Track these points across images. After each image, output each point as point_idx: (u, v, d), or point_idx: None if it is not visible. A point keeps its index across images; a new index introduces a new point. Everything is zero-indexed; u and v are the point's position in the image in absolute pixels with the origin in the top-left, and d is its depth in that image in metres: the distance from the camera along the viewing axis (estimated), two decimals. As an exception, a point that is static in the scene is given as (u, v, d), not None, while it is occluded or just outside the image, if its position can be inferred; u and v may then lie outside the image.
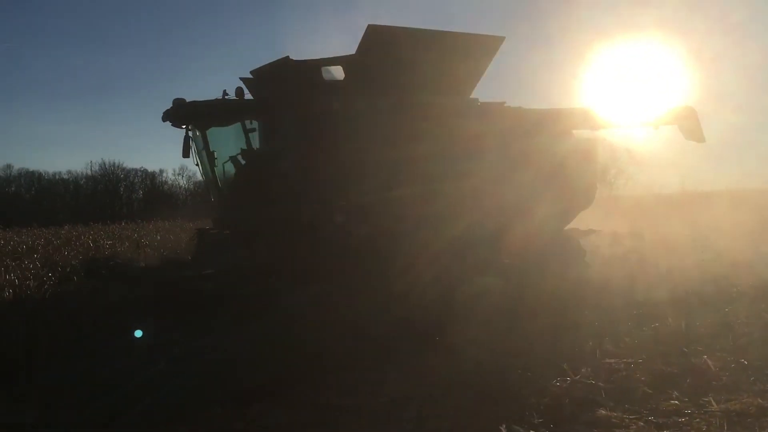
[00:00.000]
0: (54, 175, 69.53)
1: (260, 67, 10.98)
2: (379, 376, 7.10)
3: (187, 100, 10.61)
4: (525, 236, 10.55)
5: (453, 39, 10.06)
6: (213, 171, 10.79)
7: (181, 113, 10.51)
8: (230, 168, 10.84)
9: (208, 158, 10.72)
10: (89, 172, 70.03)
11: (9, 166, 67.83)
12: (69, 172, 69.64)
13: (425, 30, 9.96)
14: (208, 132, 10.61)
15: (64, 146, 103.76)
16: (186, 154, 10.88)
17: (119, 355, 7.77)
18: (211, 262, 10.37)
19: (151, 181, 72.89)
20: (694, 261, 14.28)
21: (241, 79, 11.21)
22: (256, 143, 10.73)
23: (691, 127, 12.54)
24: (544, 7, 75.30)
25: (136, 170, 72.30)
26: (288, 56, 10.00)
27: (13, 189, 67.30)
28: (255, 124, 10.78)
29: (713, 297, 10.67)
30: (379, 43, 9.49)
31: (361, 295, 9.07)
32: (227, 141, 10.68)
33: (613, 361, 7.37)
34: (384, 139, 9.84)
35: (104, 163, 70.16)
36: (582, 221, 14.38)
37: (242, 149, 10.54)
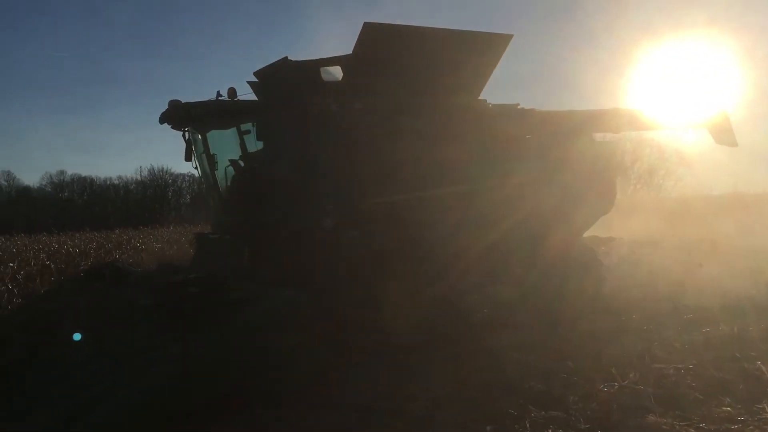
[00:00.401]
0: (105, 180, 71.56)
1: (261, 69, 10.63)
2: (417, 379, 7.09)
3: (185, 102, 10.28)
4: (540, 244, 10.21)
5: (455, 37, 9.60)
6: (213, 174, 10.47)
7: (180, 115, 10.11)
8: (231, 171, 10.58)
9: (208, 161, 10.37)
10: (139, 177, 71.85)
11: (62, 172, 69.95)
12: (119, 177, 71.55)
13: (424, 28, 9.46)
14: (208, 135, 10.38)
15: (115, 152, 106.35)
16: (188, 157, 10.73)
17: (89, 362, 7.28)
18: (206, 266, 10.07)
19: (198, 185, 74.20)
20: (747, 265, 13.90)
21: (248, 83, 11.05)
22: (253, 146, 10.33)
23: (723, 131, 11.96)
24: (588, 4, 73.94)
25: (183, 175, 73.76)
26: (286, 57, 9.77)
27: (66, 194, 69.31)
28: (249, 126, 10.31)
29: (766, 302, 10.37)
30: (376, 41, 9.07)
31: (344, 300, 8.69)
32: (228, 143, 10.37)
33: (662, 366, 7.21)
34: (380, 142, 9.41)
35: (153, 168, 71.84)
36: (622, 225, 14.19)
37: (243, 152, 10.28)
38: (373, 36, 9.00)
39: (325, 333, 7.97)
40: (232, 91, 9.64)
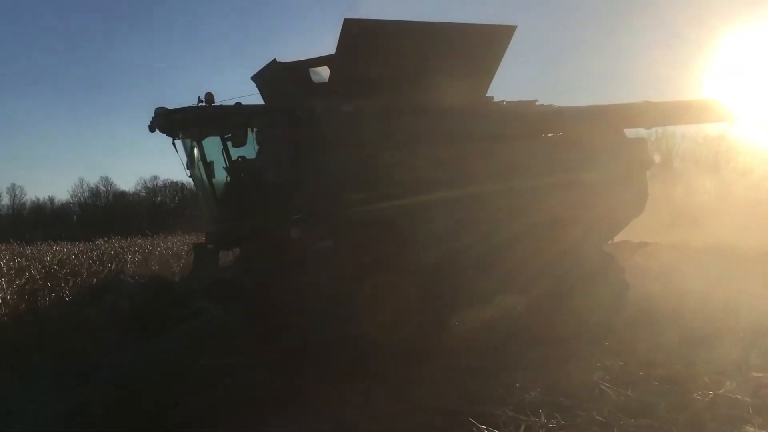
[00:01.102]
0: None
1: (257, 72, 10.36)
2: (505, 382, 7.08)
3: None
4: (556, 250, 9.27)
5: (449, 31, 8.96)
6: (211, 182, 9.74)
7: (175, 122, 9.36)
8: (230, 179, 9.94)
9: (205, 169, 9.66)
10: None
11: (155, 177, 73.07)
12: (208, 181, 74.08)
13: (413, 22, 8.85)
14: (204, 142, 9.69)
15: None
16: (192, 166, 10.08)
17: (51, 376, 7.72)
18: (201, 277, 9.74)
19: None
20: None
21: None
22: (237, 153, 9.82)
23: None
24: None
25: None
26: (275, 59, 9.43)
27: (159, 199, 72.31)
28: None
29: None
30: (359, 39, 8.47)
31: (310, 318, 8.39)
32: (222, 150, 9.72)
33: (761, 375, 6.93)
34: (371, 146, 8.78)
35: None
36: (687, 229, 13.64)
37: (239, 158, 9.69)
38: (356, 33, 8.42)
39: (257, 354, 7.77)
40: (209, 96, 9.06)
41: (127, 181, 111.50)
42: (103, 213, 66.49)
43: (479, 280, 9.12)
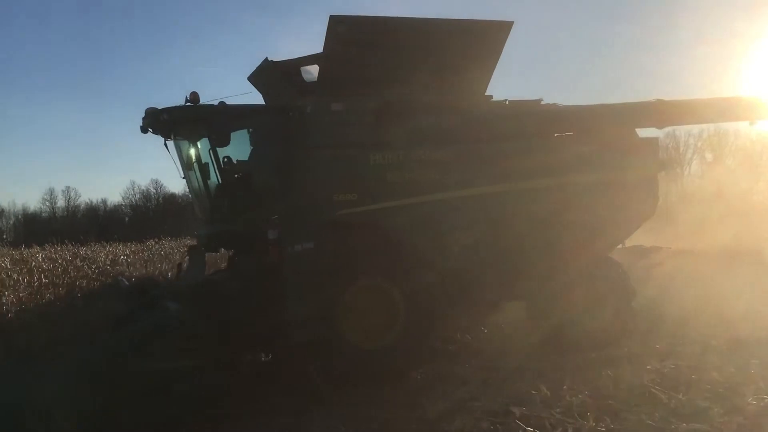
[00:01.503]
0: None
1: (252, 72, 10.21)
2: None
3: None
4: (558, 255, 8.88)
5: (442, 28, 8.65)
6: (206, 184, 9.39)
7: (161, 122, 8.96)
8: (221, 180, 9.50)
9: (200, 170, 9.27)
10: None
11: None
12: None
13: (402, 18, 8.70)
14: (200, 142, 9.33)
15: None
16: (185, 166, 9.72)
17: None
18: (192, 279, 9.58)
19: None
20: None
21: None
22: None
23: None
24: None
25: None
26: (266, 58, 9.25)
27: None
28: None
29: None
30: (346, 36, 8.24)
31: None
32: (225, 149, 9.33)
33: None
34: (361, 146, 8.49)
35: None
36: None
37: (225, 158, 9.30)
38: (342, 30, 8.21)
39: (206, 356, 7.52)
40: (194, 96, 8.72)
41: (176, 184, 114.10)
42: (154, 214, 67.97)
43: (478, 285, 8.83)
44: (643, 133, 9.75)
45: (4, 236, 52.53)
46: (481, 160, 8.74)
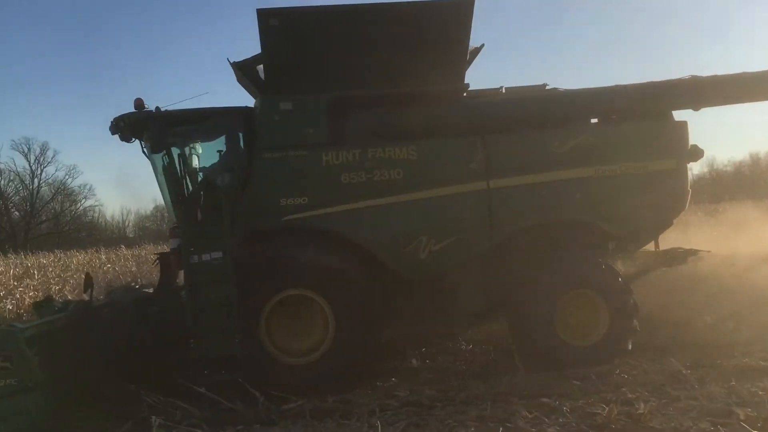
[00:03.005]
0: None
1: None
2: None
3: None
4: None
5: (390, 12, 7.80)
6: (184, 192, 8.47)
7: (115, 128, 8.34)
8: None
9: (190, 179, 8.61)
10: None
11: None
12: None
13: (341, 6, 7.89)
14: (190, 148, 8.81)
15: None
16: (156, 172, 8.91)
17: None
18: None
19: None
20: None
21: None
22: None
23: None
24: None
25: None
26: (227, 58, 8.58)
27: None
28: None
29: None
30: (280, 30, 7.64)
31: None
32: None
33: None
34: (308, 146, 7.88)
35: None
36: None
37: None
38: (274, 25, 7.60)
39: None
40: (138, 102, 8.11)
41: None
42: None
43: (457, 295, 8.16)
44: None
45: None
46: (457, 155, 7.99)
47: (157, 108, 8.19)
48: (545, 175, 8.04)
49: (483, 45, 9.07)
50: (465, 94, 8.50)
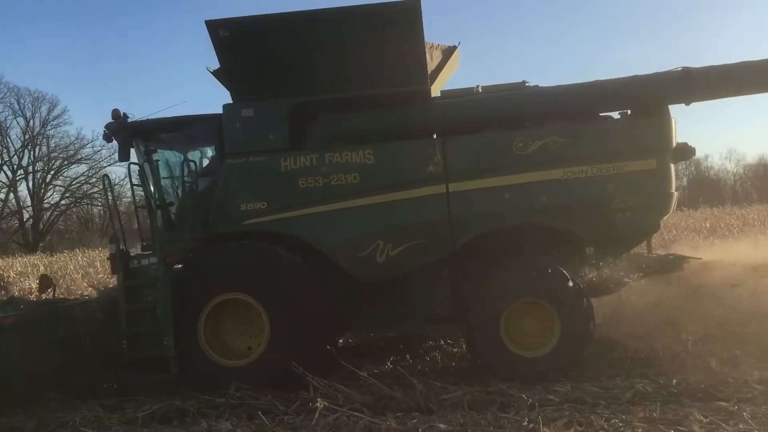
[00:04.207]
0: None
1: None
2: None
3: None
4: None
5: (337, 16, 7.73)
6: (157, 197, 8.70)
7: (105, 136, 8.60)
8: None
9: (164, 183, 8.84)
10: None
11: None
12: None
13: (291, 13, 7.69)
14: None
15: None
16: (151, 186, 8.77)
17: None
18: None
19: (696, 167, 73.16)
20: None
21: None
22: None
23: None
24: None
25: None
26: (206, 66, 8.82)
27: None
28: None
29: None
30: (230, 41, 7.69)
31: None
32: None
33: None
34: (266, 152, 8.00)
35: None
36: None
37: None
38: (226, 35, 7.64)
39: None
40: (114, 112, 8.37)
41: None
42: None
43: (415, 300, 8.15)
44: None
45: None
46: (416, 158, 7.87)
47: (125, 116, 8.43)
48: (507, 178, 7.76)
49: (459, 44, 9.08)
50: (436, 95, 8.40)
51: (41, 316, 8.16)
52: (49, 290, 9.12)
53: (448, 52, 8.91)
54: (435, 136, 8.11)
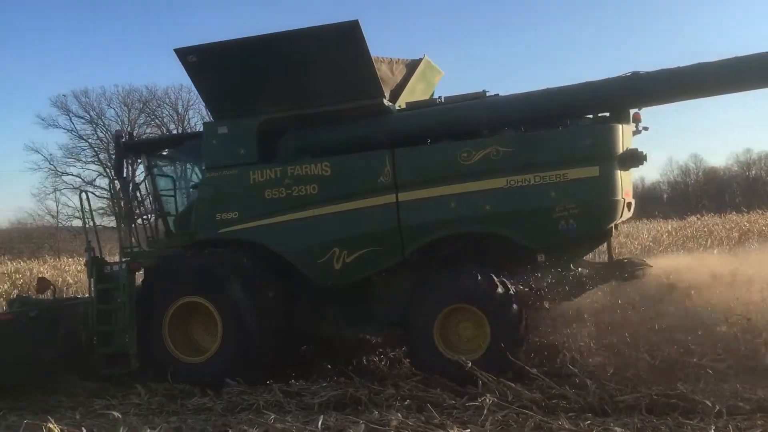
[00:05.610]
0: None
1: None
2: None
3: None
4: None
5: (290, 39, 8.33)
6: (151, 209, 10.08)
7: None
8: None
9: (160, 196, 9.83)
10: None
11: (748, 150, 68.25)
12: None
13: (248, 38, 8.46)
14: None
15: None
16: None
17: None
18: None
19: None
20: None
21: None
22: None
23: None
24: None
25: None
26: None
27: (753, 173, 67.00)
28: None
29: None
30: (198, 65, 8.48)
31: None
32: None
33: None
34: (238, 165, 8.65)
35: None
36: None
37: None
38: (194, 60, 8.41)
39: None
40: (117, 134, 9.88)
41: (718, 158, 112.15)
42: (692, 190, 66.36)
43: (373, 305, 8.60)
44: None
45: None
46: (367, 169, 8.28)
47: (118, 135, 10.04)
48: (452, 188, 8.01)
49: (424, 56, 9.63)
50: (399, 107, 8.83)
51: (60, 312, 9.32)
52: (48, 291, 10.14)
53: (412, 66, 9.46)
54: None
